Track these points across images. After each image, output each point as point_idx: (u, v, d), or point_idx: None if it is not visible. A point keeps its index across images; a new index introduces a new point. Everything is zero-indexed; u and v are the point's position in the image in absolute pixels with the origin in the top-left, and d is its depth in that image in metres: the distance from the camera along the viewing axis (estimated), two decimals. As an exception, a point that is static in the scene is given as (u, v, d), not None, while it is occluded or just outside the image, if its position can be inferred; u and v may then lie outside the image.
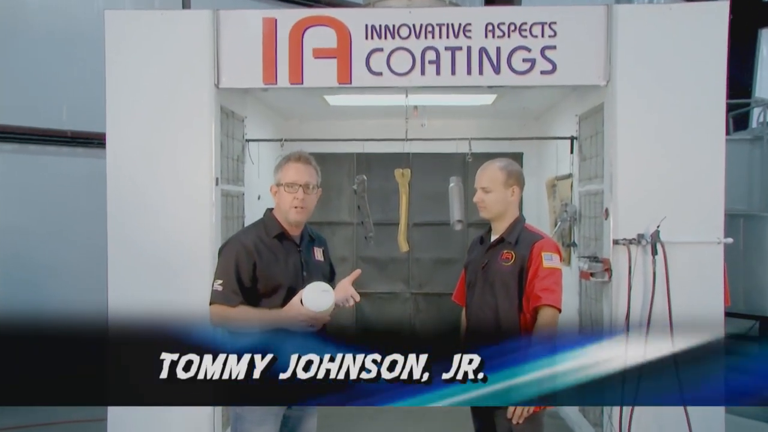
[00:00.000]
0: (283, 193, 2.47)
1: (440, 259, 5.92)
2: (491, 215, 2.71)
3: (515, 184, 2.70)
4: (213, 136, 3.63)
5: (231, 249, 2.43)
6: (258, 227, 2.51)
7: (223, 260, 2.42)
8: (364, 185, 4.77)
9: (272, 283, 2.42)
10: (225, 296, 2.36)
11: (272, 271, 2.42)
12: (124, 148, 3.63)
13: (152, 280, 3.54)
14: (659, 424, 3.45)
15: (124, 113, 3.63)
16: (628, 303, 3.46)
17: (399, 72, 3.62)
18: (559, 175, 4.75)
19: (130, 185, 3.61)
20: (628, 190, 3.52)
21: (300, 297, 2.31)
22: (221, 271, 2.40)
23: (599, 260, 3.65)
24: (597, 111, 3.86)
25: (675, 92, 3.50)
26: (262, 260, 2.40)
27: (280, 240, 2.49)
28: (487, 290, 2.66)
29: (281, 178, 2.49)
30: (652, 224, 3.45)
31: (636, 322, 3.45)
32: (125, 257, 3.58)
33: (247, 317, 2.35)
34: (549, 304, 2.54)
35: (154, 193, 3.61)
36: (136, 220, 3.60)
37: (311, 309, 2.29)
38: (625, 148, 3.52)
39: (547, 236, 2.71)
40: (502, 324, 2.60)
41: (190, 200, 3.62)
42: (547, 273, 2.56)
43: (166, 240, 3.58)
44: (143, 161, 3.62)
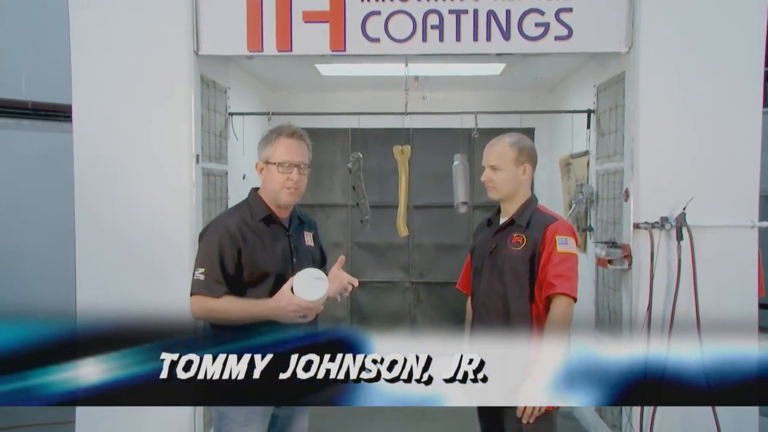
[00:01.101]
0: (274, 173, 2.43)
1: (443, 245, 5.94)
2: (500, 196, 2.70)
3: (527, 162, 2.68)
4: (192, 109, 3.60)
5: (213, 233, 2.39)
6: (242, 209, 2.47)
7: (205, 246, 2.39)
8: (359, 164, 4.74)
9: (259, 270, 2.38)
10: (207, 286, 2.33)
11: (259, 258, 2.39)
12: (93, 122, 3.58)
13: (126, 269, 3.53)
14: (685, 426, 3.45)
15: (92, 83, 3.58)
16: (650, 293, 3.44)
17: (398, 38, 3.59)
18: (574, 152, 4.75)
19: (99, 164, 3.57)
20: (650, 168, 3.51)
21: (290, 285, 2.29)
22: (203, 258, 2.37)
23: (618, 246, 3.65)
24: (617, 81, 3.83)
25: (706, 60, 3.47)
26: (247, 246, 2.37)
27: (267, 223, 2.46)
28: (495, 277, 2.65)
29: (271, 156, 2.43)
30: (678, 206, 3.44)
31: (659, 315, 3.45)
32: (95, 243, 3.56)
33: (233, 309, 2.32)
34: (563, 292, 2.51)
35: (127, 172, 3.58)
36: (107, 202, 3.57)
37: (304, 298, 2.27)
38: (648, 122, 3.50)
39: (561, 218, 2.70)
40: (511, 314, 2.59)
41: (167, 180, 3.59)
42: (561, 258, 2.53)
43: (141, 224, 3.56)
44: (114, 137, 3.59)
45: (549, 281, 2.53)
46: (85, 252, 3.56)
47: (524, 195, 2.70)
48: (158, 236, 3.56)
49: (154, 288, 3.46)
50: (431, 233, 5.93)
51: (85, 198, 3.57)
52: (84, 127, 3.58)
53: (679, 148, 3.49)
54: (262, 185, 2.50)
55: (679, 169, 3.49)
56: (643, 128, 3.50)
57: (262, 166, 2.46)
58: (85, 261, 3.55)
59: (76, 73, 3.57)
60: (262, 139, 2.48)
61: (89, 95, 3.59)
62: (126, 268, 3.52)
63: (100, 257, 3.55)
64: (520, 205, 2.68)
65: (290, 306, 2.27)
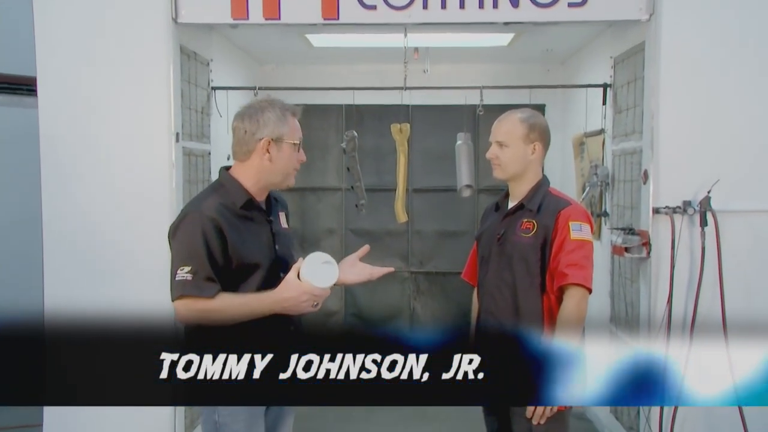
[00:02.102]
0: (288, 152, 2.40)
1: (445, 232, 5.95)
2: (507, 175, 2.71)
3: (538, 140, 2.69)
4: (171, 83, 3.57)
5: (193, 224, 2.27)
6: (218, 194, 2.38)
7: (186, 240, 2.27)
8: (354, 143, 4.74)
9: (247, 263, 2.32)
10: (197, 286, 2.22)
11: (248, 249, 2.32)
12: (61, 97, 3.54)
13: (99, 259, 3.51)
14: (709, 428, 3.46)
15: (58, 53, 3.53)
16: (670, 284, 3.44)
17: (396, 5, 3.57)
18: (588, 130, 4.74)
19: (68, 143, 3.54)
20: (672, 147, 3.49)
21: (296, 272, 2.26)
22: (186, 254, 2.25)
23: (636, 233, 3.65)
24: (636, 52, 3.81)
25: (736, 29, 3.44)
26: (233, 235, 2.29)
27: (248, 209, 2.40)
28: (504, 266, 2.65)
29: (287, 133, 2.39)
30: (702, 189, 3.42)
31: (680, 308, 3.45)
32: (64, 231, 3.53)
33: (231, 307, 2.25)
34: (577, 283, 2.51)
35: (99, 152, 3.55)
36: (77, 185, 3.54)
37: (316, 285, 2.25)
38: (670, 98, 3.48)
39: (575, 202, 2.71)
40: (520, 306, 2.61)
41: (144, 161, 3.57)
42: (575, 246, 2.54)
43: (116, 210, 3.54)
44: (85, 113, 3.55)
45: (561, 271, 2.53)
46: (53, 240, 3.53)
47: (534, 176, 2.71)
48: (135, 222, 3.54)
49: (130, 280, 3.44)
50: (432, 219, 5.93)
51: (53, 181, 3.53)
52: (50, 103, 3.54)
53: (704, 126, 3.46)
54: (255, 165, 2.39)
55: (703, 149, 3.46)
56: (665, 104, 3.47)
57: (270, 145, 2.37)
58: (54, 250, 3.52)
59: (41, 42, 3.52)
60: (268, 115, 2.39)
61: (56, 67, 3.54)
62: (99, 258, 3.50)
63: (70, 246, 3.52)
64: (530, 188, 2.69)
65: (302, 295, 2.24)
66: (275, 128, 2.37)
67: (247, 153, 2.39)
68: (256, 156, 2.38)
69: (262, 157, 2.37)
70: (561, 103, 5.61)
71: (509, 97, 4.68)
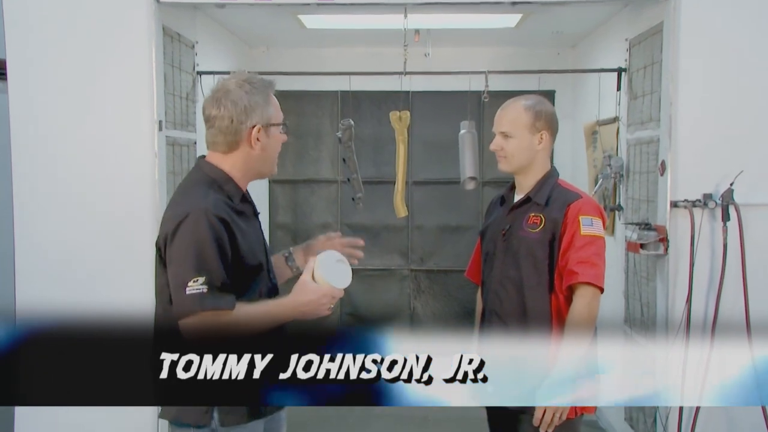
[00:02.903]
0: (275, 134, 2.29)
1: (447, 227, 5.96)
2: (512, 168, 2.70)
3: (545, 129, 2.68)
4: (153, 67, 3.55)
5: (200, 226, 2.09)
6: (212, 187, 2.24)
7: (193, 245, 2.08)
8: (350, 132, 4.71)
9: (253, 265, 2.24)
10: (215, 298, 2.07)
11: (251, 249, 2.24)
12: (33, 82, 3.51)
13: (75, 258, 3.48)
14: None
15: (30, 34, 3.50)
16: (689, 283, 3.43)
17: None
18: (601, 118, 4.74)
19: (41, 132, 3.51)
20: (692, 136, 3.47)
21: (310, 273, 2.22)
22: (196, 263, 2.07)
23: (652, 228, 3.64)
24: (654, 33, 3.79)
25: (764, 8, 3.42)
26: (239, 236, 2.18)
27: (243, 204, 2.31)
28: (509, 263, 2.65)
29: (273, 116, 2.27)
30: (724, 181, 3.40)
31: (700, 309, 3.44)
32: (37, 227, 3.50)
33: (255, 319, 2.15)
34: (587, 281, 2.50)
35: (75, 142, 3.51)
36: (50, 177, 3.52)
37: (335, 285, 2.23)
38: (689, 83, 3.46)
39: (586, 195, 2.70)
40: (527, 306, 2.60)
41: (124, 151, 3.54)
42: (585, 242, 2.53)
43: (93, 203, 3.51)
44: (60, 99, 3.52)
45: (571, 268, 2.53)
46: (25, 236, 3.50)
47: (542, 168, 2.70)
48: (114, 217, 3.52)
49: (109, 280, 3.42)
50: (434, 213, 5.94)
51: (24, 173, 3.50)
52: (22, 87, 3.51)
53: (726, 113, 3.44)
54: (244, 154, 2.27)
55: (725, 137, 3.44)
56: (684, 89, 3.46)
57: (259, 131, 2.24)
58: (26, 246, 3.50)
59: (10, 22, 3.49)
60: (250, 96, 2.24)
61: (27, 49, 3.50)
62: (75, 257, 3.47)
63: (42, 242, 3.50)
64: (538, 180, 2.69)
65: (321, 298, 2.19)
66: (264, 112, 2.25)
67: (233, 144, 2.24)
68: (244, 146, 2.24)
69: (251, 147, 2.24)
70: (572, 89, 5.63)
71: (516, 82, 4.72)
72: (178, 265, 2.09)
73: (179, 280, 2.07)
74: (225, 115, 2.21)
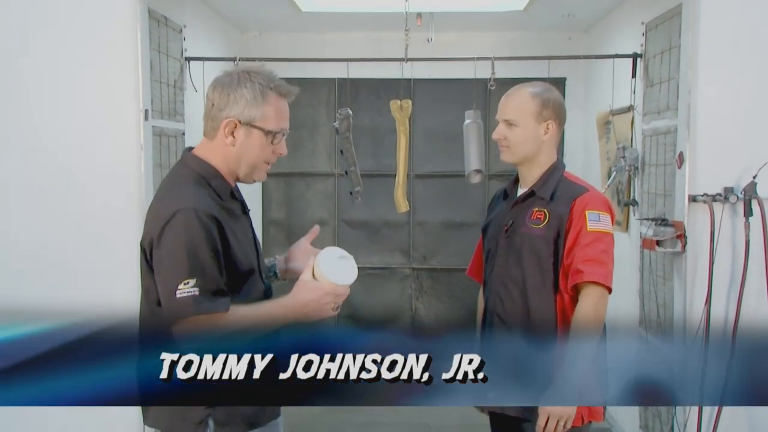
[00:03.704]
0: (258, 141, 2.23)
1: (451, 223, 5.97)
2: (515, 159, 2.70)
3: (551, 119, 2.68)
4: (139, 52, 3.57)
5: (189, 225, 2.07)
6: (199, 183, 2.22)
7: (183, 245, 2.07)
8: (348, 122, 4.71)
9: (244, 268, 2.22)
10: (208, 301, 2.06)
11: (242, 251, 2.22)
12: (10, 67, 3.50)
13: (54, 253, 3.46)
14: None
15: (8, 17, 3.50)
16: (709, 282, 3.42)
17: None
18: (615, 107, 4.73)
19: (20, 121, 3.50)
20: (712, 126, 3.47)
21: (310, 271, 2.21)
22: (186, 264, 2.05)
23: (669, 224, 3.64)
24: (672, 17, 3.79)
25: None
26: (230, 236, 2.17)
27: (231, 201, 2.30)
28: (512, 261, 2.66)
29: (258, 118, 2.21)
30: (746, 174, 3.40)
31: (720, 310, 3.44)
32: (11, 223, 3.49)
33: (250, 321, 2.13)
34: (594, 281, 2.51)
35: (56, 132, 3.50)
36: (30, 168, 3.50)
37: (339, 283, 2.22)
38: (710, 69, 3.46)
39: (593, 189, 2.70)
40: (531, 307, 2.61)
41: (108, 141, 3.54)
42: (592, 239, 2.54)
43: (75, 197, 3.50)
44: (40, 87, 3.52)
45: (577, 267, 2.53)
46: (3, 233, 3.49)
47: (547, 160, 2.70)
48: (97, 211, 3.51)
49: (90, 278, 3.42)
50: (437, 208, 5.95)
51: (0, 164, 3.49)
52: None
53: (748, 101, 3.44)
54: (225, 151, 2.24)
55: (748, 128, 3.44)
56: (704, 76, 3.46)
57: (237, 127, 2.21)
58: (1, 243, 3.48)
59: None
60: (240, 88, 2.21)
61: (4, 34, 3.50)
62: (54, 254, 3.46)
63: (20, 238, 3.48)
64: (543, 173, 2.69)
65: (324, 297, 2.18)
66: (246, 109, 2.19)
67: (212, 130, 2.23)
68: (220, 135, 2.22)
69: (224, 139, 2.21)
70: (584, 77, 5.64)
71: (525, 69, 4.71)
72: (167, 268, 2.08)
73: (169, 285, 2.06)
74: (210, 98, 2.22)
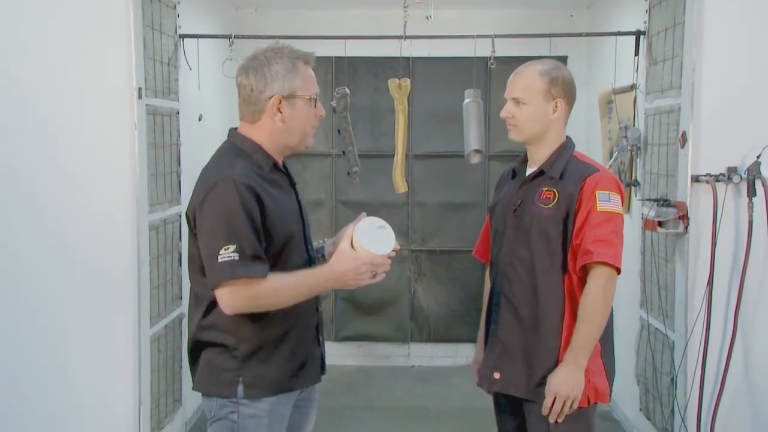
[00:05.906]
0: (304, 108, 2.39)
1: (451, 204, 5.95)
2: (523, 137, 2.70)
3: (561, 97, 2.67)
4: (132, 29, 3.56)
5: (229, 194, 2.22)
6: (239, 156, 2.36)
7: (223, 213, 2.23)
8: (346, 101, 4.71)
9: (284, 234, 2.35)
10: (247, 266, 2.21)
11: (283, 219, 2.35)
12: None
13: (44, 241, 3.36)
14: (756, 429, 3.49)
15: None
16: (711, 264, 3.44)
17: None
18: (617, 86, 4.73)
19: (9, 101, 3.35)
20: (715, 105, 3.48)
21: (349, 241, 2.30)
22: (227, 231, 2.21)
23: (671, 204, 3.65)
24: None
25: None
26: (270, 204, 2.30)
27: (275, 174, 2.43)
28: (520, 241, 2.65)
29: (301, 87, 2.37)
30: (750, 153, 3.41)
31: (722, 291, 3.46)
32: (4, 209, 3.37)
33: (288, 288, 2.28)
34: (604, 261, 2.51)
35: (46, 111, 3.42)
36: (21, 151, 3.36)
37: (376, 252, 2.29)
38: (714, 46, 3.47)
39: (604, 169, 2.69)
40: (539, 287, 2.61)
41: (101, 121, 3.52)
42: (602, 219, 2.53)
43: (66, 179, 3.43)
44: (29, 65, 3.40)
45: (586, 247, 2.53)
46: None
47: (556, 139, 2.70)
48: (90, 192, 3.48)
49: (85, 259, 3.39)
50: (436, 189, 5.94)
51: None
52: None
53: (753, 80, 3.45)
54: (270, 126, 2.37)
55: (752, 107, 3.45)
56: (708, 54, 3.46)
57: (281, 102, 2.34)
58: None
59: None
60: (272, 65, 2.36)
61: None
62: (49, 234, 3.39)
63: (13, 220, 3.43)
64: (552, 152, 2.69)
65: (361, 266, 2.27)
66: (285, 83, 2.34)
67: (255, 114, 2.37)
68: (267, 117, 2.36)
69: (273, 118, 2.36)
70: (586, 55, 5.64)
71: (526, 47, 4.74)
72: (209, 234, 2.24)
73: (211, 250, 2.22)
74: (246, 84, 2.36)
